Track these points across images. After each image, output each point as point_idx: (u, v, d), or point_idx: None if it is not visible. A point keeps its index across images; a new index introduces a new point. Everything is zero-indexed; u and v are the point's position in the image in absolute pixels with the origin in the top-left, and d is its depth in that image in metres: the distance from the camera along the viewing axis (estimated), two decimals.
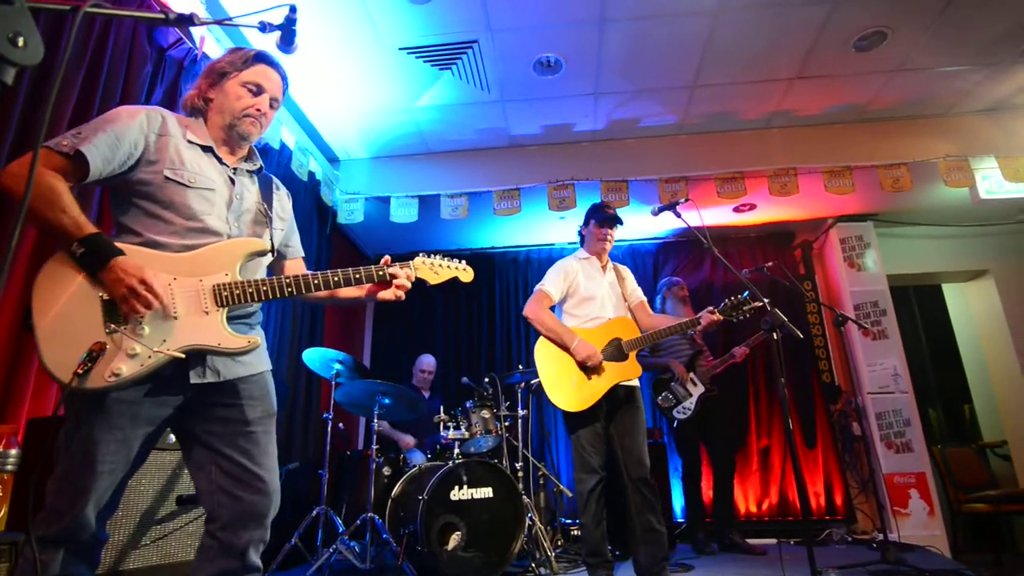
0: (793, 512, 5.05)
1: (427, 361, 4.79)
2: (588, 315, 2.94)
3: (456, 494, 3.24)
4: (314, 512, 3.45)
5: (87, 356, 1.22)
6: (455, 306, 5.90)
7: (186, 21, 1.03)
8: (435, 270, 1.76)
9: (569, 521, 4.34)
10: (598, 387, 2.76)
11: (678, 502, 4.92)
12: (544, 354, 2.86)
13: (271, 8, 1.26)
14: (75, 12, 0.85)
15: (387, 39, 3.63)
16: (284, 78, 1.64)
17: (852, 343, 5.23)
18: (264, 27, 1.29)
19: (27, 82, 2.17)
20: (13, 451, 1.67)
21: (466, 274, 1.84)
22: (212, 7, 3.19)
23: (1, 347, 2.01)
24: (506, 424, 3.96)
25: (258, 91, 1.57)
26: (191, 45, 3.05)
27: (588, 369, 2.77)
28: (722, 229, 5.60)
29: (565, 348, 2.80)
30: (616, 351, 2.85)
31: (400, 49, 3.71)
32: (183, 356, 1.33)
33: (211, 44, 3.25)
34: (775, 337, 2.35)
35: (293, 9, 1.27)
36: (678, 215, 2.93)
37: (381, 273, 1.60)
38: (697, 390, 4.25)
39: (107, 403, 1.28)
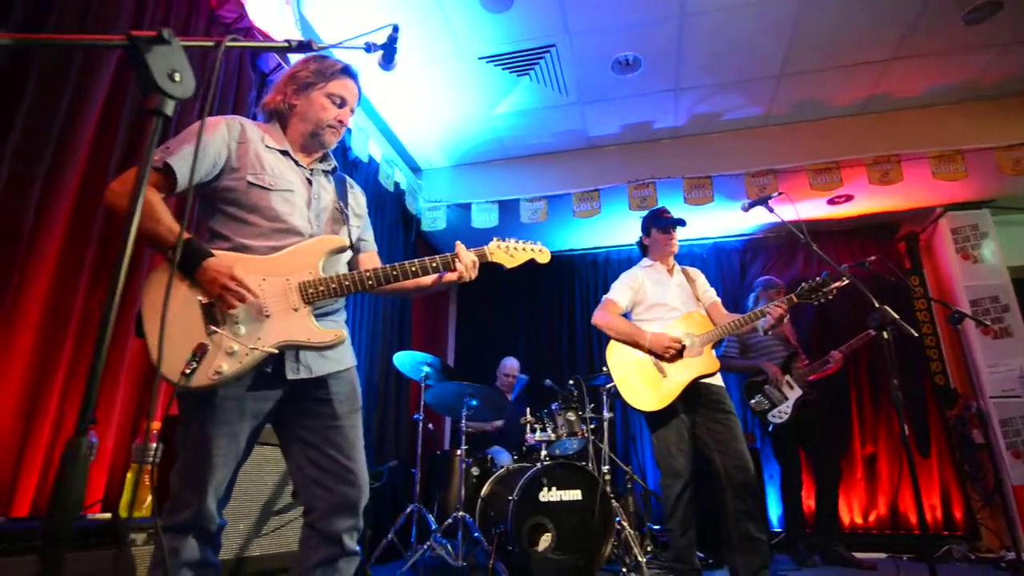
0: (905, 525, 4.67)
1: (511, 364, 4.85)
2: (658, 317, 2.91)
3: (545, 496, 3.26)
4: (408, 509, 3.57)
5: (192, 357, 1.31)
6: (536, 309, 5.94)
7: (305, 47, 1.12)
8: (511, 253, 1.77)
9: (658, 527, 4.24)
10: (675, 384, 2.70)
11: (774, 510, 4.69)
12: (616, 357, 2.85)
13: (375, 30, 1.33)
14: (218, 47, 0.94)
15: (467, 50, 3.73)
16: (361, 90, 1.72)
17: (970, 342, 4.77)
18: (369, 48, 1.36)
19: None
20: (154, 444, 1.86)
21: (542, 255, 1.83)
22: (305, 30, 3.41)
23: (141, 352, 2.25)
24: (591, 426, 3.94)
25: (342, 103, 1.65)
26: (279, 61, 3.27)
27: (666, 362, 2.72)
28: (815, 223, 5.29)
29: (638, 346, 2.78)
30: (691, 346, 2.78)
31: (480, 59, 3.80)
32: (276, 351, 1.41)
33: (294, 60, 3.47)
34: (885, 336, 2.20)
35: (396, 28, 1.34)
36: (770, 210, 2.81)
37: (447, 260, 1.64)
38: (794, 393, 4.03)
39: (216, 400, 1.38)
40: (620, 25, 3.55)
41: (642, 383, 2.75)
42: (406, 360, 3.85)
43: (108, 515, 1.85)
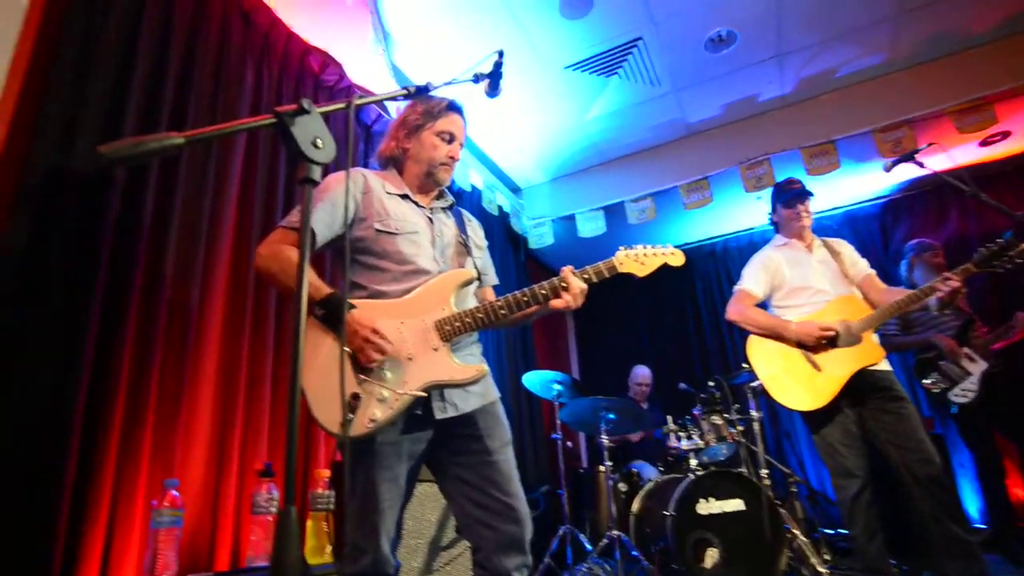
0: None
1: (642, 372, 4.68)
2: (803, 303, 2.61)
3: (704, 508, 3.06)
4: (560, 531, 3.52)
5: (347, 407, 1.35)
6: (657, 310, 5.72)
7: (423, 91, 1.13)
8: (640, 260, 1.69)
9: (832, 531, 3.84)
10: (834, 378, 2.39)
11: (971, 504, 4.08)
12: (760, 353, 2.59)
13: (482, 60, 1.32)
14: (348, 107, 0.96)
15: (551, 62, 3.70)
16: (466, 123, 1.74)
17: None
18: (477, 79, 1.36)
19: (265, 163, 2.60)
20: (328, 492, 1.96)
21: (675, 257, 1.74)
22: (398, 76, 3.56)
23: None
24: (740, 428, 3.67)
25: (451, 139, 1.68)
26: (388, 117, 3.43)
27: (817, 354, 2.43)
28: (966, 170, 4.63)
29: (783, 339, 2.50)
30: (846, 335, 2.45)
31: (565, 68, 3.76)
32: (424, 394, 1.42)
33: (394, 109, 3.61)
34: None
35: (501, 54, 1.32)
36: (920, 164, 2.49)
37: (566, 283, 1.57)
38: (977, 367, 3.50)
39: (375, 446, 1.41)
40: (708, 1, 3.35)
41: (793, 381, 2.48)
42: (535, 380, 3.83)
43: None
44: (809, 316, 2.55)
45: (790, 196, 2.78)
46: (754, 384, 3.29)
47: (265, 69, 2.64)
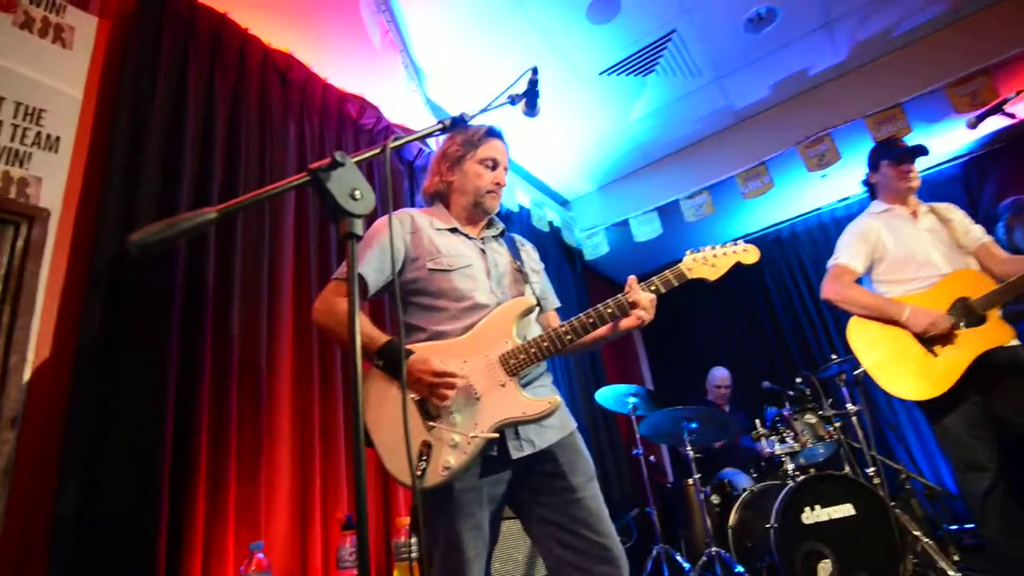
0: None
1: (720, 374, 4.45)
2: (909, 278, 2.32)
3: (809, 516, 2.82)
4: (654, 552, 3.35)
5: (419, 458, 1.30)
6: (727, 309, 5.45)
7: (459, 122, 1.08)
8: (711, 263, 1.58)
9: (955, 527, 3.48)
10: (955, 363, 2.11)
11: None
12: (863, 337, 2.31)
13: (515, 81, 1.26)
14: (384, 151, 0.92)
15: (584, 71, 3.62)
16: (508, 146, 1.68)
17: None
18: (513, 100, 1.31)
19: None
20: (410, 540, 1.91)
21: (749, 254, 1.62)
22: (434, 110, 3.57)
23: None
24: (837, 425, 3.39)
25: (494, 165, 1.63)
26: (430, 150, 3.44)
27: (933, 340, 2.16)
28: None
29: (893, 322, 2.23)
30: (966, 313, 2.17)
31: (600, 74, 3.67)
32: (496, 435, 1.35)
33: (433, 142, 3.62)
34: None
35: (535, 71, 1.26)
36: (1010, 115, 2.25)
37: (631, 300, 1.46)
38: None
39: (454, 494, 1.35)
40: None
41: (904, 366, 2.20)
42: (608, 396, 3.71)
43: None
44: (919, 294, 2.26)
45: (900, 152, 2.46)
46: (856, 371, 2.93)
47: (306, 122, 2.69)
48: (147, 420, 1.71)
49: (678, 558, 3.34)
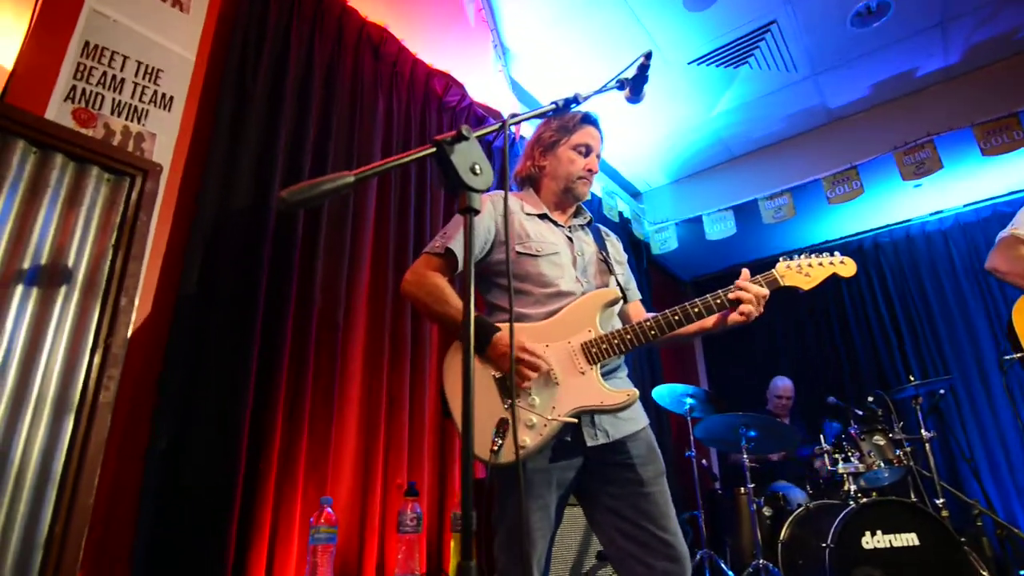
0: None
1: (783, 385, 4.29)
2: None
3: (870, 542, 2.71)
4: (698, 556, 3.30)
5: (496, 433, 1.31)
6: (796, 317, 5.23)
7: (572, 102, 1.07)
8: (805, 272, 1.51)
9: None
10: None
11: None
12: None
13: (629, 64, 1.22)
14: (504, 128, 0.92)
15: (673, 58, 3.51)
16: (602, 133, 1.66)
17: None
18: (622, 85, 1.28)
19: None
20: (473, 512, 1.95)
21: (846, 267, 1.56)
22: (516, 90, 3.54)
23: (436, 418, 2.45)
24: (907, 450, 3.22)
25: (587, 152, 1.62)
26: (510, 133, 3.42)
27: None
28: None
29: None
30: None
31: (689, 63, 3.54)
32: (575, 420, 1.35)
33: (524, 127, 3.59)
34: None
35: (649, 56, 1.23)
36: None
37: (733, 297, 1.42)
38: None
39: (527, 474, 1.35)
40: None
41: None
42: (665, 393, 3.64)
43: None
44: None
45: None
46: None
47: (395, 96, 2.73)
48: (233, 374, 1.80)
49: (722, 565, 3.28)
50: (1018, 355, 2.05)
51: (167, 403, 1.68)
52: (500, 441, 1.32)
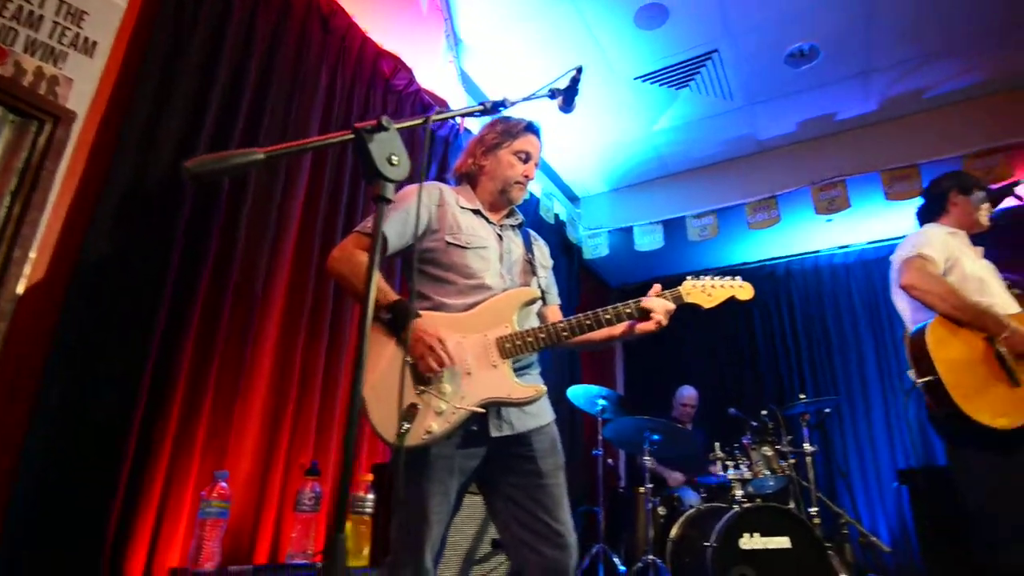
0: None
1: (688, 393, 4.54)
2: (983, 300, 2.09)
3: (747, 542, 2.93)
4: (593, 550, 3.45)
5: (404, 417, 1.34)
6: (709, 332, 5.53)
7: (499, 106, 1.11)
8: (708, 292, 1.64)
9: None
10: None
11: None
12: (942, 341, 2.01)
13: (561, 76, 1.28)
14: (426, 123, 0.96)
15: (621, 73, 3.63)
16: (542, 142, 1.73)
17: None
18: (553, 94, 1.33)
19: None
20: (370, 496, 1.97)
21: (744, 291, 1.68)
22: (466, 83, 3.56)
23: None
24: (791, 462, 3.50)
25: (527, 159, 1.68)
26: (454, 123, 3.43)
27: (1020, 364, 1.96)
28: None
29: (986, 328, 1.99)
30: None
31: (635, 79, 3.68)
32: (483, 410, 1.40)
33: (469, 121, 3.61)
34: None
35: (579, 70, 1.29)
36: (1020, 197, 2.30)
37: (643, 307, 1.53)
38: None
39: (430, 459, 1.40)
40: (791, 13, 3.20)
41: (984, 386, 1.95)
42: (580, 393, 3.77)
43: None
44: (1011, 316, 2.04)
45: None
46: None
47: (339, 73, 2.69)
48: (135, 337, 1.74)
49: (615, 560, 3.44)
50: (928, 378, 2.01)
51: (60, 360, 1.60)
52: (407, 425, 1.36)
